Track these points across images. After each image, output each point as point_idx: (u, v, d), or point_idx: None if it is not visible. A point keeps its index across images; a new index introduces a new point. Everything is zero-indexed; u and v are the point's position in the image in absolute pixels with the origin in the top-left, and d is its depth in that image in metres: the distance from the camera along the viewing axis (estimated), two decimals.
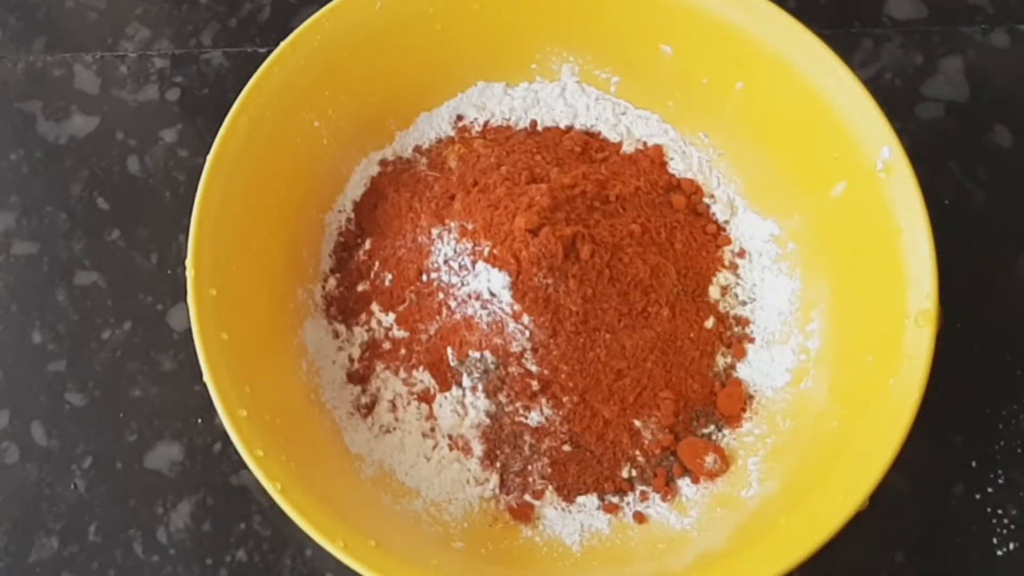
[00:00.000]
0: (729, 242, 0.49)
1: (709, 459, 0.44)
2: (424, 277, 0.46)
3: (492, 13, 0.49)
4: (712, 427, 0.45)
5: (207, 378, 0.39)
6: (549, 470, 0.44)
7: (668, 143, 0.51)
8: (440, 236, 0.46)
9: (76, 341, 0.50)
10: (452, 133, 0.52)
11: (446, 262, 0.45)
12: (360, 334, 0.47)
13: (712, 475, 0.44)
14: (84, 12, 0.59)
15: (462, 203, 0.46)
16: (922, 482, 0.46)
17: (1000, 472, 0.46)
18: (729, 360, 0.46)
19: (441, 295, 0.45)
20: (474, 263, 0.44)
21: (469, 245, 0.45)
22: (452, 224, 0.46)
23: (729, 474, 0.44)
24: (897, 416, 0.38)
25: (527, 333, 0.43)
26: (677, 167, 0.51)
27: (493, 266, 0.43)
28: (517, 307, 0.43)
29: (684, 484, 0.44)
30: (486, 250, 0.44)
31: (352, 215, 0.50)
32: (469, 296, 0.44)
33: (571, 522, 0.43)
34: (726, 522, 0.42)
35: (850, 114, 0.44)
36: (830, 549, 0.36)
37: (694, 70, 0.49)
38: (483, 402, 0.44)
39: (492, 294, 0.44)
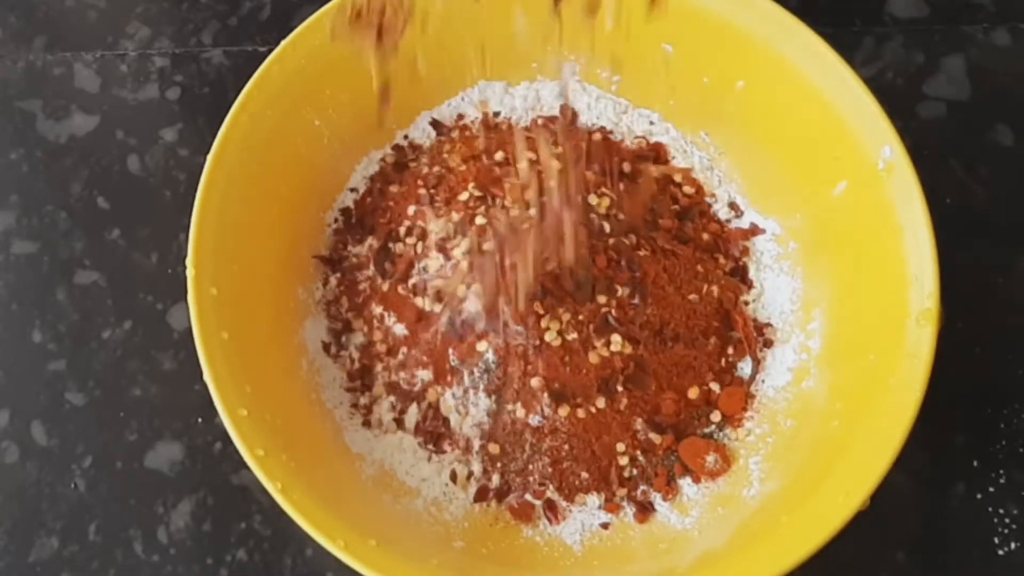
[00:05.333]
0: (730, 241, 0.49)
1: (710, 458, 0.44)
2: (424, 276, 0.46)
3: (493, 12, 0.49)
4: (713, 426, 0.45)
5: (207, 377, 0.39)
6: (550, 469, 0.44)
7: (669, 142, 0.51)
8: (440, 236, 0.46)
9: (76, 340, 0.50)
10: (454, 133, 0.52)
11: (447, 261, 0.45)
12: (360, 333, 0.47)
13: (713, 474, 0.44)
14: (84, 11, 0.59)
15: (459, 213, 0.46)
16: (923, 481, 0.46)
17: (1001, 472, 0.46)
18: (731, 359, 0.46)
19: (441, 294, 0.45)
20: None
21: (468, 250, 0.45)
22: (453, 226, 0.46)
23: (730, 473, 0.44)
24: (898, 415, 0.38)
25: (528, 332, 0.43)
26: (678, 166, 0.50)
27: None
28: (517, 310, 0.43)
29: (685, 484, 0.44)
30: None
31: (353, 214, 0.50)
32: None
33: (572, 521, 0.43)
34: (727, 521, 0.42)
35: (851, 113, 0.44)
36: (831, 548, 0.36)
37: (695, 69, 0.49)
38: (484, 401, 0.44)
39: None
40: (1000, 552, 0.45)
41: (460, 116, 0.52)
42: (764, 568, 0.37)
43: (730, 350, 0.46)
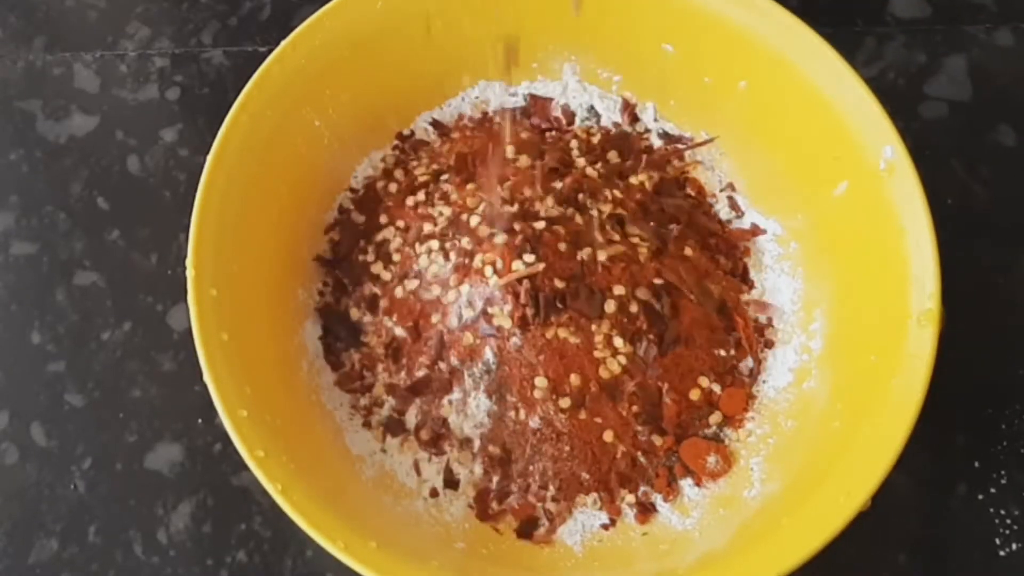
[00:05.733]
0: (731, 242, 0.49)
1: (711, 459, 0.43)
2: (423, 277, 0.46)
3: (494, 11, 0.49)
4: (714, 427, 0.45)
5: (207, 378, 0.39)
6: (550, 471, 0.44)
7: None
8: (438, 237, 0.46)
9: (76, 341, 0.50)
10: (454, 133, 0.52)
11: (446, 262, 0.45)
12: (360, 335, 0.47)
13: (714, 475, 0.43)
14: (84, 11, 0.59)
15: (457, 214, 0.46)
16: (924, 482, 0.46)
17: (1003, 472, 0.46)
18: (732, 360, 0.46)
19: (440, 296, 0.45)
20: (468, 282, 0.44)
21: (464, 259, 0.45)
22: (452, 226, 0.46)
23: (731, 474, 0.44)
24: (899, 416, 0.38)
25: (529, 334, 0.43)
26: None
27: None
28: (518, 311, 0.43)
29: (686, 485, 0.44)
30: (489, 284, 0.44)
31: (352, 214, 0.50)
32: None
33: (572, 523, 0.43)
34: (728, 522, 0.42)
35: (853, 113, 0.43)
36: (832, 549, 0.36)
37: (696, 69, 0.49)
38: (484, 403, 0.44)
39: (491, 303, 0.44)
40: (1001, 553, 0.45)
41: (460, 116, 0.52)
42: (765, 569, 0.36)
43: (731, 351, 0.46)
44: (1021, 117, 0.54)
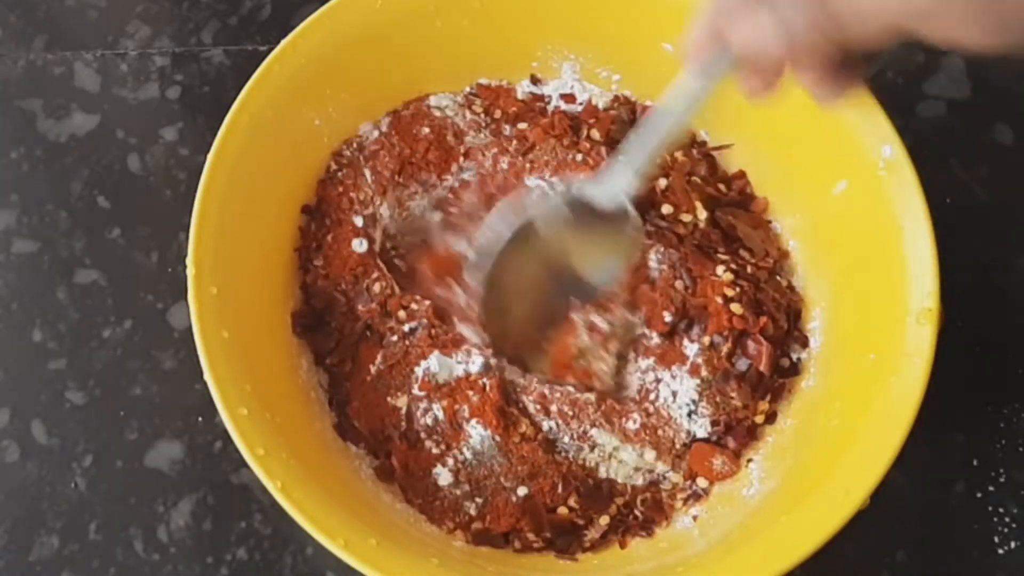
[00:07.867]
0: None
1: (717, 462, 0.43)
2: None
3: (493, 11, 0.49)
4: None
5: (208, 376, 0.39)
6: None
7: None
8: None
9: (76, 339, 0.50)
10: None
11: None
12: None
13: (722, 477, 0.43)
14: (85, 10, 0.59)
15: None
16: (923, 480, 0.46)
17: (1001, 470, 0.46)
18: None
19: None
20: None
21: None
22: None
23: None
24: (898, 414, 0.38)
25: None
26: None
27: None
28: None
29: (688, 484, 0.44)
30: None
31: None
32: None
33: None
34: (727, 520, 0.42)
35: (851, 112, 0.43)
36: (831, 547, 0.36)
37: None
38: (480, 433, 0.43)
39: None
40: (1000, 551, 0.45)
41: None
42: (763, 567, 0.37)
43: None
44: (1019, 116, 0.54)
